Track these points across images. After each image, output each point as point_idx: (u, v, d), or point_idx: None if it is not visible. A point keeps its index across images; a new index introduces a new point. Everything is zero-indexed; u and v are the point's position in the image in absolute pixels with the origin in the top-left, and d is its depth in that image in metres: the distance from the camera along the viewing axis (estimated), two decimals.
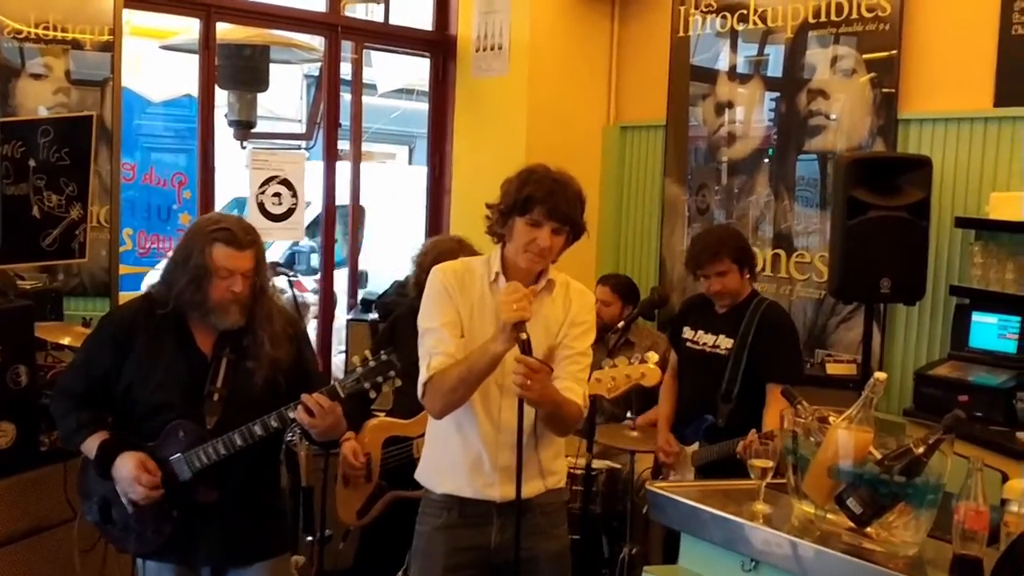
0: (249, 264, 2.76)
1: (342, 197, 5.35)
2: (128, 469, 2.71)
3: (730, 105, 5.09)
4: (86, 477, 2.89)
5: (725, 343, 3.71)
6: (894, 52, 4.38)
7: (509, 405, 2.57)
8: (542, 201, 2.53)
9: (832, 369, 4.44)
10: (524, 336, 2.38)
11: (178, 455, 2.74)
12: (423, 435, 3.44)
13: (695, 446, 3.72)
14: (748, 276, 3.78)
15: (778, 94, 4.88)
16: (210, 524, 2.80)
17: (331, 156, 5.17)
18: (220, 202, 4.87)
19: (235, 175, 5.59)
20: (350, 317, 5.27)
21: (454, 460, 2.65)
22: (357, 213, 5.65)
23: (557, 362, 2.62)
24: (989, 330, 3.97)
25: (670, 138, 5.34)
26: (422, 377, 2.58)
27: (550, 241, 2.55)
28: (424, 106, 5.83)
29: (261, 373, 2.80)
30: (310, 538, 4.40)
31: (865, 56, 4.50)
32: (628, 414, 4.15)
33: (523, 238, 2.57)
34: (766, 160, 4.93)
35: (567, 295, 2.69)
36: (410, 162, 12.28)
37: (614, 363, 3.54)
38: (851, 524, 2.25)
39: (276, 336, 2.81)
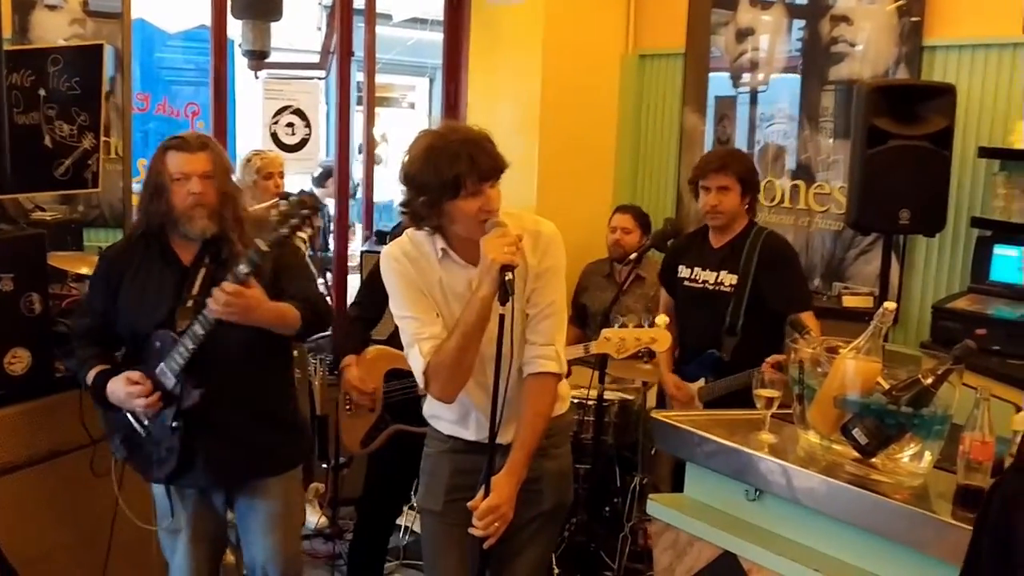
0: (203, 166, 2.75)
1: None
2: (119, 390, 2.76)
3: (751, 32, 4.98)
4: (105, 416, 2.94)
5: (728, 279, 3.63)
6: None
7: (502, 371, 2.47)
8: (469, 172, 2.35)
9: (848, 301, 4.38)
10: (510, 277, 2.31)
11: (160, 365, 2.77)
12: None
13: (700, 382, 3.69)
14: (748, 206, 3.71)
15: (802, 21, 4.77)
16: (214, 438, 2.81)
17: (344, 86, 5.11)
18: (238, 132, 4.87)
19: (251, 105, 5.57)
20: (364, 248, 5.25)
21: (452, 415, 2.65)
22: (372, 143, 5.61)
23: (529, 321, 2.54)
24: (1010, 263, 3.91)
25: (690, 67, 5.24)
26: (419, 367, 2.48)
27: (497, 196, 2.42)
28: (440, 36, 5.74)
29: None
30: (325, 465, 4.48)
31: None
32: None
33: (472, 212, 2.38)
34: (788, 90, 4.83)
35: (527, 241, 2.51)
36: (430, 94, 12.15)
37: (624, 322, 3.50)
38: (856, 455, 2.24)
39: (248, 240, 2.71)
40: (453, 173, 2.35)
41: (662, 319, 3.50)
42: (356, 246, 5.71)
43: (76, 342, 2.94)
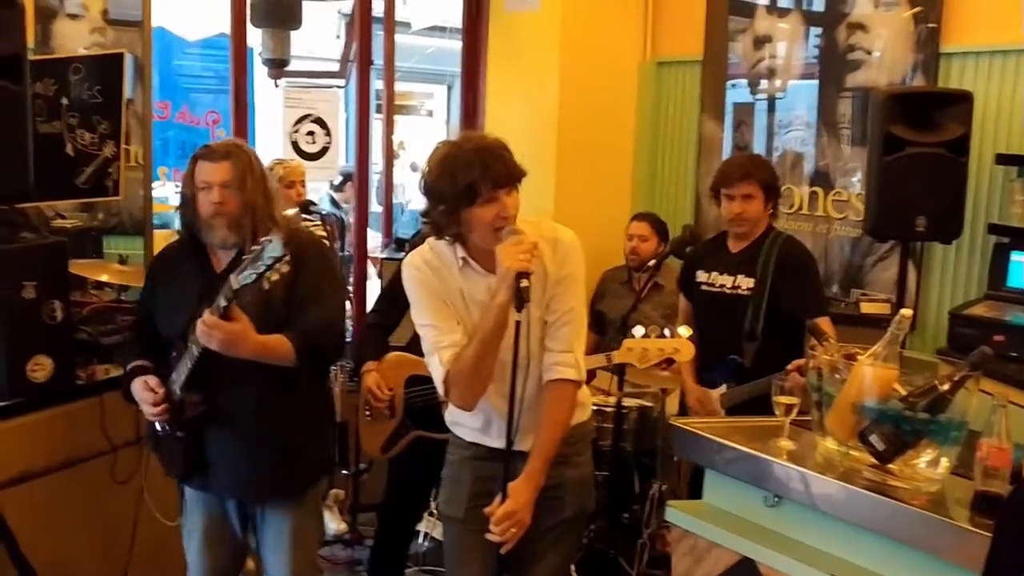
0: (225, 175, 2.73)
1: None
2: (137, 392, 2.81)
3: (769, 40, 4.99)
4: None
5: (745, 283, 3.63)
6: None
7: (519, 378, 2.50)
8: (483, 179, 2.37)
9: (866, 308, 4.38)
10: (525, 284, 2.33)
11: (173, 375, 2.80)
12: None
13: (722, 388, 3.69)
14: (771, 212, 3.71)
15: (819, 29, 4.77)
16: (222, 451, 2.82)
17: (363, 94, 5.14)
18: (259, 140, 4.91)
19: (271, 114, 5.60)
20: (384, 256, 5.28)
21: (474, 423, 2.67)
22: (391, 151, 5.64)
23: (548, 329, 2.56)
24: None
25: (707, 74, 5.25)
26: (439, 375, 2.51)
27: (514, 203, 2.45)
28: (459, 44, 5.77)
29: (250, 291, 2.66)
30: (345, 471, 4.50)
31: None
32: None
33: (488, 219, 2.41)
34: (806, 97, 4.83)
35: (543, 249, 2.52)
36: (448, 102, 12.19)
37: (647, 332, 3.50)
38: (874, 461, 2.24)
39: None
40: (467, 181, 2.38)
41: (685, 329, 3.50)
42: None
43: (128, 334, 3.09)
